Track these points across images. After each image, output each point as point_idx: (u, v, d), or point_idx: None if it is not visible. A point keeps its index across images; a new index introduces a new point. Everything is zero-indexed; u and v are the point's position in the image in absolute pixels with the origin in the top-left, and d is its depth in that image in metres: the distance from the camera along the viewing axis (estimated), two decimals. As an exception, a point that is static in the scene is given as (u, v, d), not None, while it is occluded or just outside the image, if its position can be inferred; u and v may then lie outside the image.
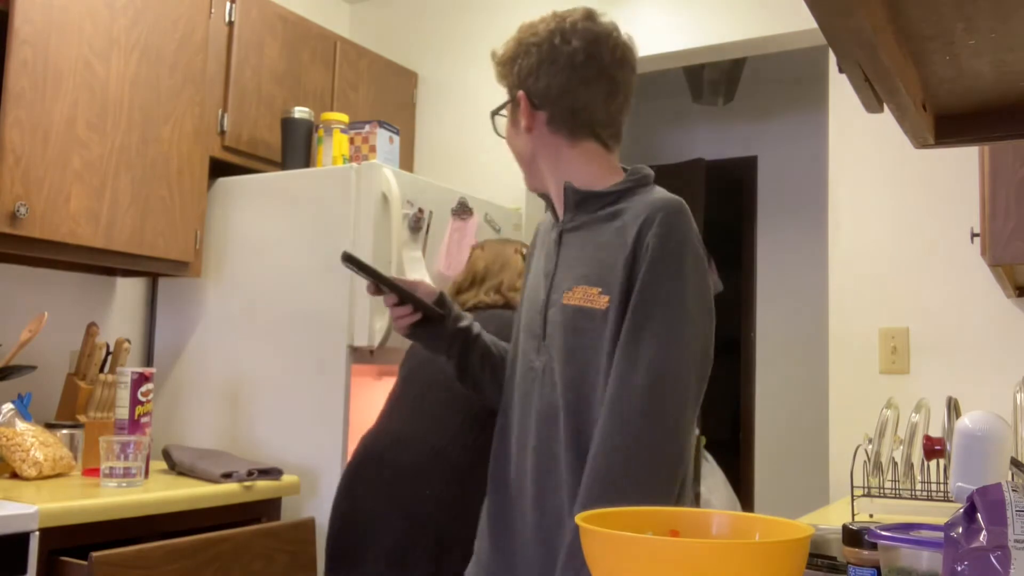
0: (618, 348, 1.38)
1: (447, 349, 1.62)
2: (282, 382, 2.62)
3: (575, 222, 1.52)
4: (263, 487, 2.37)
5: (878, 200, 2.75)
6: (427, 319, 1.58)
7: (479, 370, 1.65)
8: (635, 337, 1.37)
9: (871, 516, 1.95)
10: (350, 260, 1.48)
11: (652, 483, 1.33)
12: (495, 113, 1.62)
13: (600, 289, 1.43)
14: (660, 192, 1.48)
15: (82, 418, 2.43)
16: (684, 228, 1.41)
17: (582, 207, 1.51)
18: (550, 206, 1.59)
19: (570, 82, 1.50)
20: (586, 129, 1.53)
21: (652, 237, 1.39)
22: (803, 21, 2.83)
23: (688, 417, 1.38)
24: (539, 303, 1.54)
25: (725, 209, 4.97)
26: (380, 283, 1.52)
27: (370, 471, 1.92)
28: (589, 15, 1.54)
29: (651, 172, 1.53)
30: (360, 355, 2.56)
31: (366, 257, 2.52)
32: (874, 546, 0.98)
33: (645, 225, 1.40)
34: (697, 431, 2.82)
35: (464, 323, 1.62)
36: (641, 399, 1.35)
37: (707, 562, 0.79)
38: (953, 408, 1.91)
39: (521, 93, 1.54)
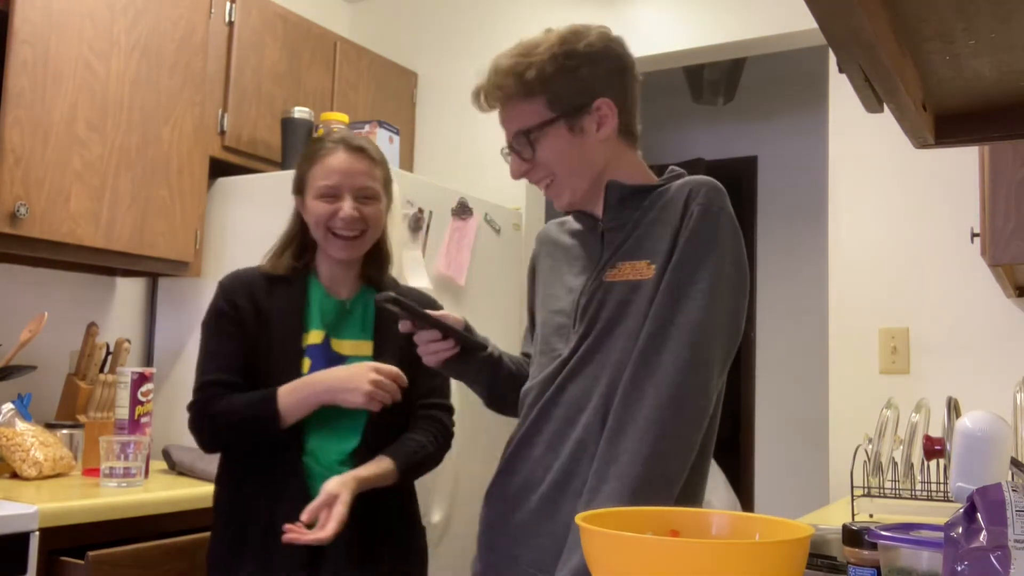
0: (654, 306, 1.38)
1: (475, 376, 1.60)
2: (282, 382, 2.62)
3: (619, 219, 1.48)
4: (263, 487, 2.37)
5: (878, 200, 2.75)
6: (465, 351, 1.55)
7: (506, 391, 1.61)
8: (673, 296, 1.37)
9: (871, 516, 1.95)
10: (395, 302, 1.44)
11: (674, 450, 1.32)
12: (543, 126, 1.49)
13: (648, 260, 1.42)
14: (699, 175, 1.49)
15: (82, 418, 2.43)
16: (725, 202, 1.43)
17: (627, 203, 1.49)
18: (580, 216, 1.55)
19: (634, 92, 1.54)
20: (636, 137, 1.57)
21: (695, 205, 1.40)
22: (803, 21, 2.83)
23: (714, 381, 1.39)
24: (571, 295, 1.49)
25: (725, 209, 4.96)
26: (422, 321, 1.49)
27: None
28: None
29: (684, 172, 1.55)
30: (360, 355, 2.56)
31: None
32: (874, 546, 0.98)
33: (691, 197, 1.41)
34: None
35: (489, 350, 1.59)
36: (675, 357, 1.34)
37: (707, 562, 0.79)
38: (953, 408, 1.91)
39: (608, 100, 1.48)
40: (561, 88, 1.46)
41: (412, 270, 2.60)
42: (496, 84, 1.49)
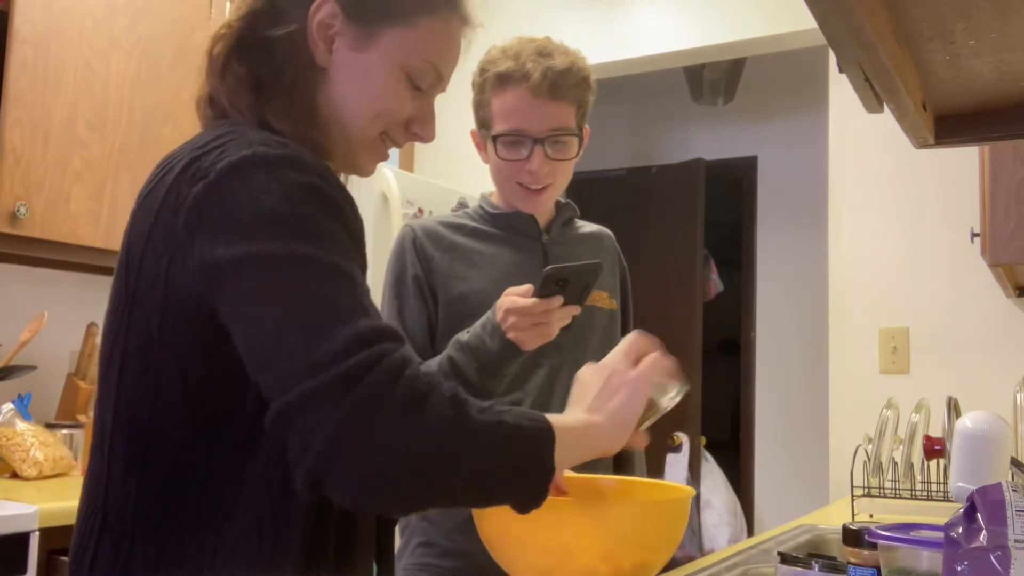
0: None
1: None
2: (282, 382, 2.62)
3: (562, 236, 1.61)
4: (263, 487, 2.37)
5: (878, 200, 2.75)
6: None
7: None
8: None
9: (871, 516, 1.95)
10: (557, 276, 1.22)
11: None
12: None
13: (607, 293, 1.59)
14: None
15: (82, 418, 2.43)
16: None
17: (568, 224, 1.63)
18: (491, 217, 1.62)
19: None
20: None
21: (623, 261, 1.69)
22: (803, 21, 2.83)
23: None
24: None
25: (725, 209, 4.96)
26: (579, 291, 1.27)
27: None
28: None
29: None
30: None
31: (369, 258, 2.51)
32: (874, 546, 0.98)
33: (616, 249, 1.68)
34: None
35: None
36: None
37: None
38: (953, 408, 1.91)
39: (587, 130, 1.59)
40: (587, 107, 1.54)
41: (412, 270, 2.60)
42: (559, 73, 1.47)
